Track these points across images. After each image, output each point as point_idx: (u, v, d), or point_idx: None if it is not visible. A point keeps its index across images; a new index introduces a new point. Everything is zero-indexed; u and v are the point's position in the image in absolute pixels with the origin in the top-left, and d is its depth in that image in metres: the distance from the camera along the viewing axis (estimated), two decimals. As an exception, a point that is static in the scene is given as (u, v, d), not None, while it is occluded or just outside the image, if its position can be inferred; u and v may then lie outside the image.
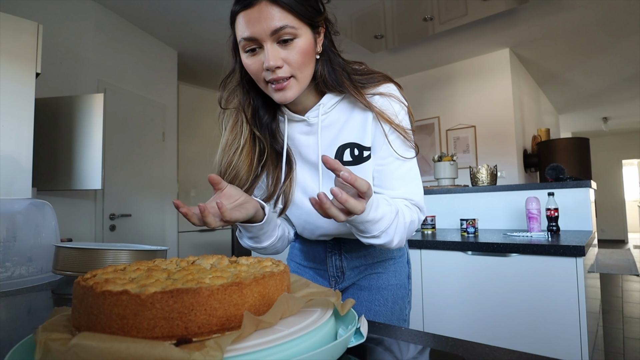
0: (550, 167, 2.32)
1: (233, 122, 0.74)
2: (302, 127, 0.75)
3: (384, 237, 0.64)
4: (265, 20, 0.59)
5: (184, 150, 4.08)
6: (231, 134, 0.73)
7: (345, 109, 0.74)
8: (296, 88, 0.65)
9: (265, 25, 0.59)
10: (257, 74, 0.65)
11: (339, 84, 0.69)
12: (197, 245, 4.16)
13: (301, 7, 0.61)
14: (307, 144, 0.75)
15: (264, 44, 0.61)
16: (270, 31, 0.60)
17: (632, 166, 9.31)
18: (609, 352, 2.37)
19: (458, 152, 4.27)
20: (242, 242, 0.76)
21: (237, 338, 0.32)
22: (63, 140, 2.31)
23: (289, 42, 0.61)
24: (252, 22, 0.60)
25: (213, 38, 3.51)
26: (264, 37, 0.60)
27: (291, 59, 0.62)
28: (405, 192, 0.73)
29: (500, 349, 0.43)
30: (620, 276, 4.51)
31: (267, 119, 0.76)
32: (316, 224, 0.79)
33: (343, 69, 0.70)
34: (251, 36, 0.60)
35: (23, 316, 0.69)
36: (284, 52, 0.62)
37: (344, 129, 0.73)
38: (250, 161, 0.72)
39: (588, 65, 4.54)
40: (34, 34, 1.75)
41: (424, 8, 3.05)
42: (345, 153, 0.73)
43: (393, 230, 0.65)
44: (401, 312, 0.84)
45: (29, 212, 1.09)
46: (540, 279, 1.52)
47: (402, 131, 0.70)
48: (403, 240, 0.69)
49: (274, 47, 0.61)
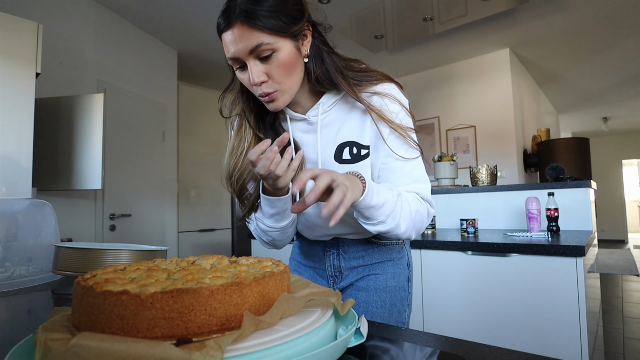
0: (550, 167, 2.32)
1: (238, 127, 0.76)
2: (302, 126, 0.76)
3: (390, 221, 0.66)
4: (241, 40, 0.61)
5: (184, 150, 4.08)
6: (236, 138, 0.76)
7: (345, 108, 0.74)
8: (284, 97, 0.67)
9: (242, 45, 0.61)
10: (249, 87, 0.68)
11: (333, 83, 0.70)
12: (197, 245, 4.17)
13: (274, 22, 0.61)
14: (307, 143, 0.76)
15: (247, 62, 0.63)
16: (247, 51, 0.62)
17: (632, 166, 9.31)
18: (609, 352, 2.37)
19: (458, 152, 4.26)
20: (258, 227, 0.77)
21: (237, 338, 0.32)
22: (63, 140, 2.31)
23: (269, 57, 0.63)
24: (232, 43, 0.62)
25: (213, 38, 3.51)
26: (244, 56, 0.62)
27: (273, 73, 0.64)
28: (412, 188, 0.73)
29: (500, 349, 0.43)
30: (620, 276, 4.51)
31: (270, 119, 0.77)
32: (315, 223, 0.79)
33: (336, 67, 0.70)
34: (233, 57, 0.63)
35: (23, 316, 0.69)
36: (265, 67, 0.64)
37: (343, 128, 0.74)
38: None
39: (588, 65, 4.54)
40: (34, 34, 1.75)
41: (424, 8, 3.04)
42: (344, 151, 0.73)
43: (398, 213, 0.66)
44: (399, 315, 0.83)
45: (29, 212, 1.09)
46: (540, 279, 1.52)
47: (403, 131, 0.70)
48: (411, 229, 0.69)
49: (256, 64, 0.63)
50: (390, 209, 0.65)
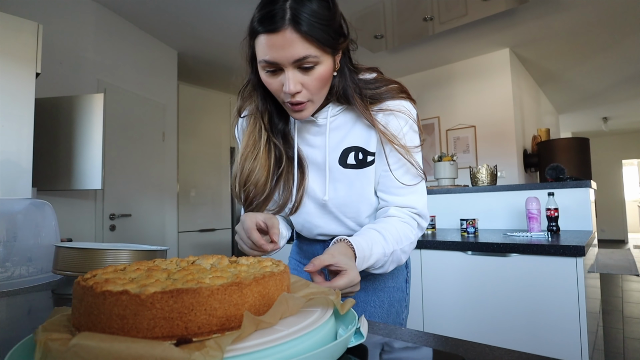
0: (550, 167, 2.32)
1: (251, 128, 0.74)
2: (310, 128, 0.76)
3: (381, 270, 0.71)
4: (289, 48, 0.59)
5: (184, 150, 4.08)
6: (249, 140, 0.74)
7: (353, 113, 0.74)
8: (312, 107, 0.67)
9: (289, 53, 0.59)
10: (276, 92, 0.66)
11: (349, 101, 0.71)
12: (197, 245, 4.17)
13: (325, 36, 0.60)
14: (313, 145, 0.76)
15: (285, 69, 0.61)
16: (292, 60, 0.60)
17: (632, 166, 9.31)
18: (609, 352, 2.37)
19: (458, 152, 4.26)
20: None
21: (237, 338, 0.32)
22: (63, 140, 2.31)
23: (310, 69, 0.62)
24: (275, 48, 0.59)
25: (213, 38, 3.51)
26: (286, 64, 0.60)
27: (310, 85, 0.63)
28: (407, 201, 0.74)
29: (500, 349, 0.43)
30: (620, 276, 4.51)
31: (282, 125, 0.76)
32: (314, 223, 0.80)
33: (355, 87, 0.71)
34: (273, 61, 0.60)
35: (23, 316, 0.69)
36: (303, 78, 0.62)
37: (350, 132, 0.74)
38: (268, 167, 0.74)
39: (588, 65, 4.54)
40: (34, 34, 1.75)
41: (424, 8, 3.04)
42: (349, 156, 0.74)
43: (389, 264, 0.71)
44: (397, 315, 0.84)
45: (29, 212, 1.09)
46: (540, 279, 1.52)
47: (406, 153, 0.71)
48: (403, 260, 0.74)
49: (295, 73, 0.62)
50: (381, 263, 0.69)
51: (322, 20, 0.59)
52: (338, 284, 0.55)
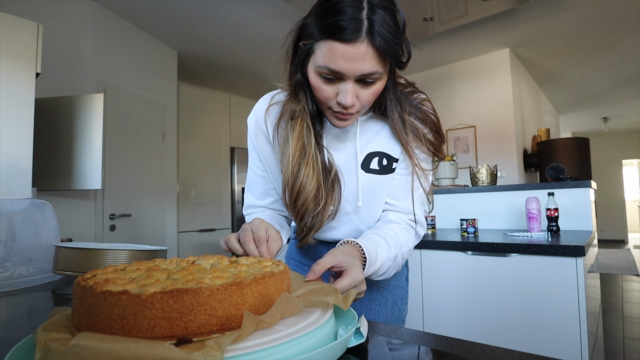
0: (550, 167, 2.32)
1: (298, 130, 0.68)
2: (336, 131, 0.74)
3: (384, 276, 0.71)
4: (360, 62, 0.56)
5: (184, 150, 4.08)
6: (298, 143, 0.68)
7: (380, 119, 0.74)
8: (355, 118, 0.66)
9: (358, 67, 0.56)
10: (326, 99, 0.62)
11: (387, 115, 0.71)
12: (197, 245, 4.17)
13: (395, 54, 0.58)
14: (337, 148, 0.74)
15: (346, 80, 0.59)
16: (359, 74, 0.57)
17: (632, 166, 9.31)
18: (609, 352, 2.37)
19: (458, 152, 4.26)
20: None
21: (237, 338, 0.32)
22: (63, 140, 2.31)
23: (370, 84, 0.60)
24: (345, 59, 0.56)
25: (213, 38, 3.51)
26: (351, 76, 0.58)
27: (364, 99, 0.61)
28: (408, 206, 0.75)
29: (500, 349, 0.43)
30: (620, 276, 4.51)
31: (319, 128, 0.72)
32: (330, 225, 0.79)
33: (397, 102, 0.70)
34: (338, 70, 0.57)
35: (23, 316, 0.69)
36: (360, 91, 0.60)
37: (376, 138, 0.73)
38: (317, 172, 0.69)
39: (588, 65, 4.54)
40: (34, 34, 1.75)
41: (424, 8, 3.05)
42: (372, 161, 0.73)
43: (392, 270, 0.71)
44: (400, 313, 0.85)
45: (29, 212, 1.09)
46: (540, 279, 1.52)
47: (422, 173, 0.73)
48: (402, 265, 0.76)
49: (354, 86, 0.60)
50: (386, 268, 0.68)
51: (394, 35, 0.56)
52: (341, 285, 0.53)
